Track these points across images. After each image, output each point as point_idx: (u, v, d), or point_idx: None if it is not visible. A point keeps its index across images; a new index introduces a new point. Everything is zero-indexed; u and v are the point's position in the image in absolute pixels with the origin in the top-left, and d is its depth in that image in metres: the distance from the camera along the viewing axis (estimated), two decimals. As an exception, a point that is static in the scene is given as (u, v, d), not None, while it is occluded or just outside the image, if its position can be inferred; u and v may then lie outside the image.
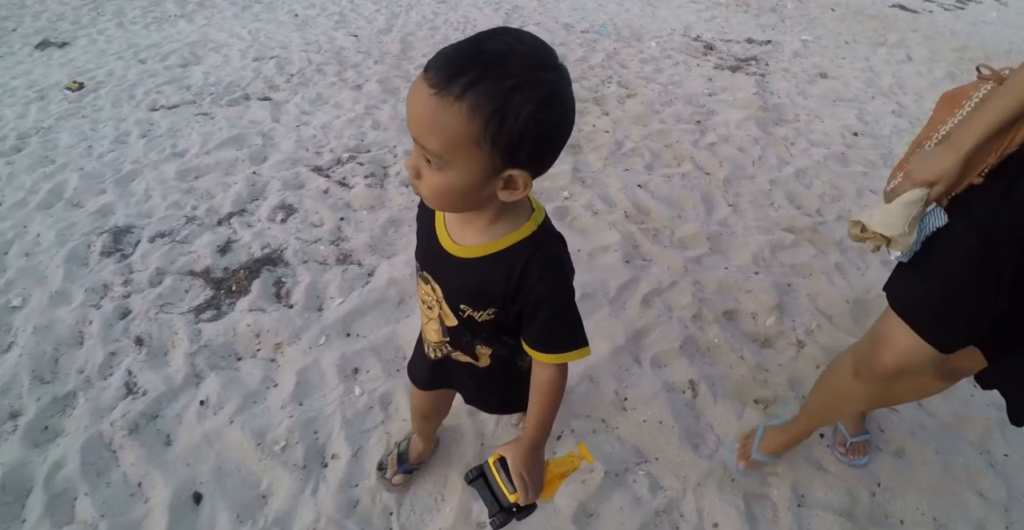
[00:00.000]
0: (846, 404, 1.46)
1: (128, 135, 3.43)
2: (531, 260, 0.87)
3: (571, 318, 0.92)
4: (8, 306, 2.27)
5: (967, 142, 1.07)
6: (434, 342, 1.09)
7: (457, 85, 0.68)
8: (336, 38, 4.66)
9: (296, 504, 1.58)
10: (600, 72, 4.01)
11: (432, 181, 0.78)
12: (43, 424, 1.83)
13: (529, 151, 0.74)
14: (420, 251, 1.03)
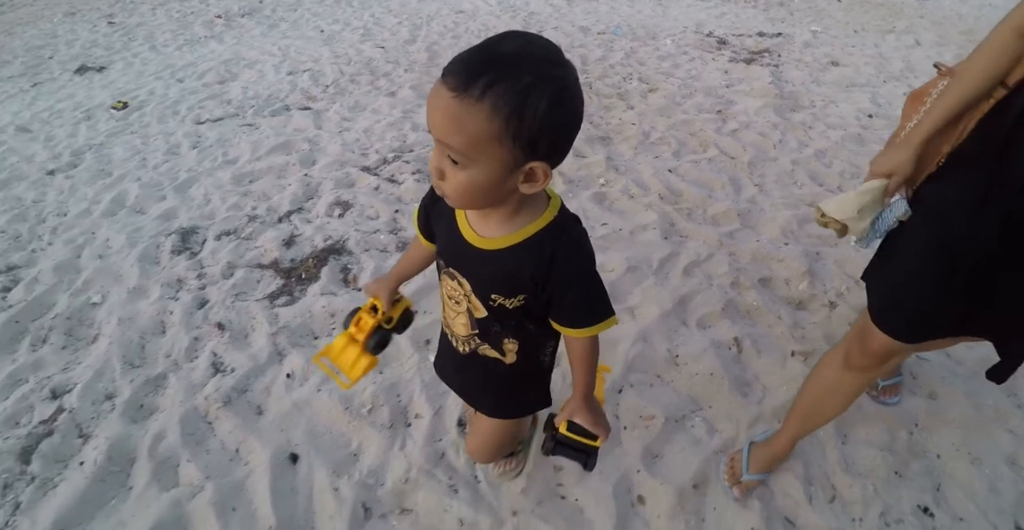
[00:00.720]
0: (835, 397, 1.46)
1: (179, 147, 3.63)
2: (558, 244, 0.92)
3: (598, 293, 0.97)
4: (89, 303, 2.46)
5: (916, 136, 1.15)
6: (463, 336, 1.13)
7: (476, 87, 0.72)
8: (364, 50, 4.87)
9: (387, 458, 1.74)
10: (620, 70, 4.18)
11: (456, 180, 0.81)
12: (139, 403, 2.01)
13: (548, 143, 0.79)
14: (443, 249, 1.07)
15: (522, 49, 0.75)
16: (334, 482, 1.69)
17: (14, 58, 6.26)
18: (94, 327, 2.35)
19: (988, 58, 1.08)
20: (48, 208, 3.21)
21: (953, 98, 1.11)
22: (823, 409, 1.50)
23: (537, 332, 1.08)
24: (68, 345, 2.29)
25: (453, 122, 0.75)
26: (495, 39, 0.76)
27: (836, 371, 1.41)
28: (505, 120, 0.73)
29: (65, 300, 2.48)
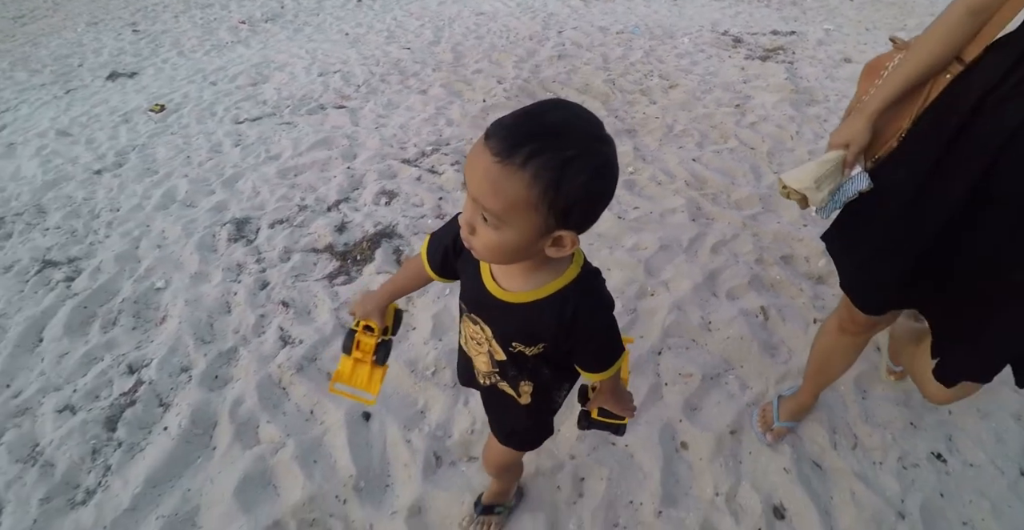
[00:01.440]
0: (838, 357, 1.60)
1: (221, 145, 3.81)
2: (581, 301, 0.94)
3: (615, 340, 1.03)
4: (153, 288, 2.63)
5: (871, 106, 1.18)
6: (484, 371, 1.16)
7: (520, 154, 0.73)
8: (390, 52, 5.05)
9: (452, 414, 1.90)
10: (641, 67, 4.35)
11: (487, 238, 0.83)
12: (214, 374, 2.18)
13: (580, 214, 0.81)
14: (466, 295, 1.08)
15: (567, 122, 0.77)
16: (406, 435, 1.85)
17: (43, 67, 6.46)
18: (161, 310, 2.52)
19: (940, 34, 1.11)
20: (100, 205, 3.38)
21: (906, 71, 1.14)
22: (831, 367, 1.65)
23: (552, 376, 1.11)
24: (138, 326, 2.46)
25: (492, 186, 0.76)
26: (542, 108, 0.78)
27: (833, 336, 1.54)
28: (543, 190, 0.75)
29: (129, 286, 2.65)
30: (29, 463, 1.95)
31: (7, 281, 2.81)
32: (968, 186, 1.07)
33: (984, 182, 1.05)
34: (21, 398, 2.18)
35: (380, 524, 1.66)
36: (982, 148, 1.04)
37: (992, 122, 1.03)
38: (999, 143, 1.02)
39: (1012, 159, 1.01)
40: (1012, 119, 1.00)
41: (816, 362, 1.67)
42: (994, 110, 1.03)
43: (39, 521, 1.76)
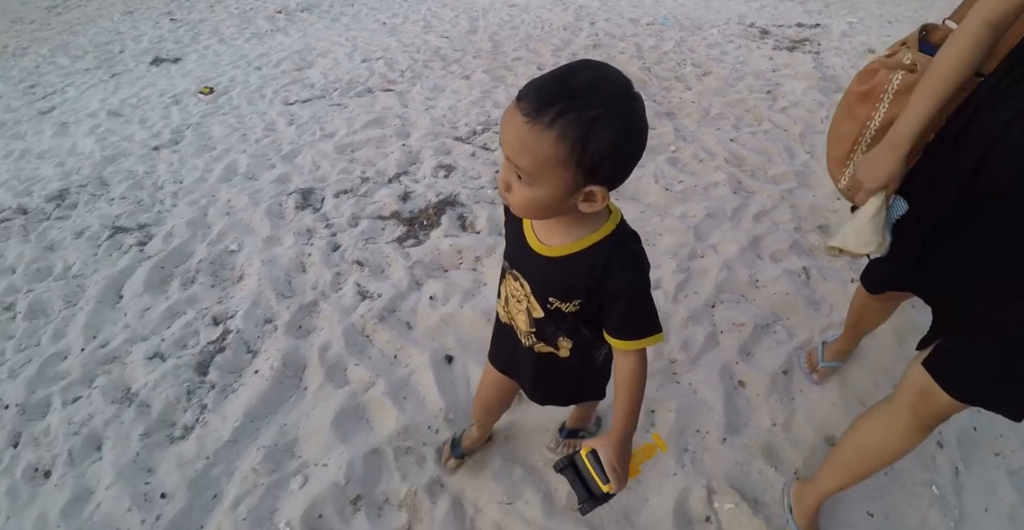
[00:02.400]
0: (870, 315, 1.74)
1: (275, 124, 4.00)
2: (612, 255, 0.97)
3: (647, 307, 1.01)
4: (227, 250, 2.82)
5: (906, 143, 1.13)
6: (524, 331, 1.19)
7: (547, 114, 0.77)
8: (429, 40, 5.24)
9: (527, 356, 2.09)
10: (674, 56, 4.53)
11: (521, 195, 0.88)
12: (297, 324, 2.36)
13: (608, 171, 0.85)
14: (509, 252, 1.14)
15: (593, 82, 0.80)
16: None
17: (84, 53, 6.66)
18: (237, 269, 2.71)
19: (961, 52, 1.07)
20: (162, 177, 3.57)
21: (932, 95, 1.10)
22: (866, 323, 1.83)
23: (591, 336, 1.13)
24: (216, 284, 2.65)
25: (523, 145, 0.81)
26: (569, 69, 0.82)
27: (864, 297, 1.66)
28: (570, 147, 0.79)
29: (203, 249, 2.84)
30: (124, 403, 2.14)
31: (80, 245, 3.00)
32: (960, 184, 1.08)
33: (974, 179, 1.06)
34: (109, 348, 2.37)
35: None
36: (976, 144, 1.05)
37: (988, 119, 1.04)
38: (992, 138, 1.02)
39: (1002, 151, 1.02)
40: (1006, 112, 1.01)
41: (853, 317, 1.80)
42: (992, 107, 1.04)
43: (141, 454, 1.95)
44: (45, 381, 2.27)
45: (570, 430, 1.77)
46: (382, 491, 1.76)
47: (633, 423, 1.06)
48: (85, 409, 2.13)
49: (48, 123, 4.86)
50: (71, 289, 2.74)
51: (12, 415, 2.13)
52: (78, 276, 2.83)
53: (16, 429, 2.08)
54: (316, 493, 1.75)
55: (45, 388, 2.23)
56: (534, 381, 1.32)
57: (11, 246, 3.10)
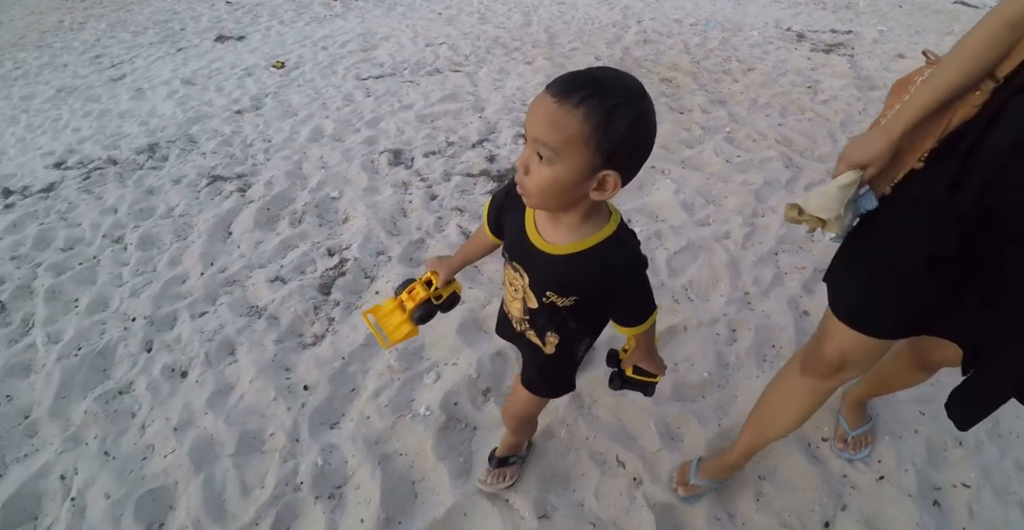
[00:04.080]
0: (789, 405, 1.45)
1: (352, 96, 4.30)
2: (617, 256, 1.04)
3: (648, 296, 1.11)
4: (329, 197, 3.11)
5: (897, 127, 1.08)
6: (517, 317, 1.25)
7: (575, 97, 0.85)
8: (487, 30, 5.57)
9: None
10: (719, 53, 4.87)
11: (540, 175, 0.93)
12: (408, 256, 2.66)
13: (624, 155, 0.90)
14: (510, 246, 1.17)
15: (614, 77, 0.90)
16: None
17: (145, 29, 6.97)
18: (340, 213, 3.00)
19: (974, 49, 1.02)
20: (250, 136, 3.86)
21: (935, 88, 1.05)
22: (778, 418, 1.49)
23: (577, 329, 1.20)
24: (323, 224, 2.94)
25: (551, 123, 0.88)
26: (592, 68, 0.92)
27: (792, 377, 1.41)
28: (594, 127, 0.86)
29: (305, 195, 3.13)
30: (254, 316, 2.42)
31: (180, 190, 3.29)
32: (976, 198, 1.01)
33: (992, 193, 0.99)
34: (228, 273, 2.66)
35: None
36: (992, 156, 0.98)
37: (1007, 129, 0.97)
38: (1008, 149, 0.96)
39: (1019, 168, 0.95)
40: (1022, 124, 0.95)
41: (764, 408, 1.54)
42: (1010, 117, 0.98)
43: (278, 355, 2.24)
44: (169, 299, 2.55)
45: (499, 459, 1.74)
46: (508, 385, 2.05)
47: (653, 342, 1.24)
48: (214, 321, 2.41)
49: (122, 88, 5.16)
50: (179, 226, 3.03)
51: (141, 326, 2.42)
52: (184, 216, 3.11)
53: (147, 337, 2.37)
54: (450, 385, 2.04)
55: (170, 304, 2.52)
56: (524, 363, 1.43)
57: (109, 190, 3.39)
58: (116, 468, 1.88)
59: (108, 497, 1.80)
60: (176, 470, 1.88)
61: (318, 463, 1.84)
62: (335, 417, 2.01)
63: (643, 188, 3.04)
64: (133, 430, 2.03)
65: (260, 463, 1.89)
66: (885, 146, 1.09)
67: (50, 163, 3.84)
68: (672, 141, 3.45)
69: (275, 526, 1.71)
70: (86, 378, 2.22)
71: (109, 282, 2.70)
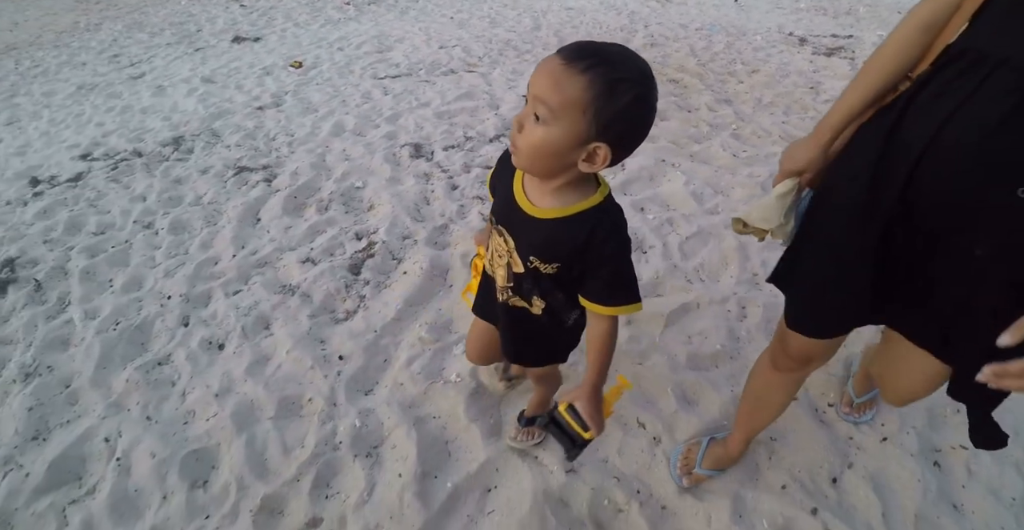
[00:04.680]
0: (771, 398, 1.54)
1: (370, 94, 4.44)
2: (598, 224, 1.02)
3: (629, 276, 1.07)
4: (353, 187, 3.24)
5: (826, 132, 1.12)
6: (501, 286, 1.24)
7: (583, 62, 0.86)
8: (498, 33, 5.72)
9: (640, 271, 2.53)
10: (724, 56, 5.02)
11: (533, 135, 0.92)
12: (434, 240, 2.77)
13: (618, 130, 0.90)
14: (497, 209, 1.17)
15: (626, 54, 0.90)
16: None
17: (161, 30, 7.12)
18: (365, 202, 3.13)
19: (892, 52, 1.06)
20: (273, 131, 3.99)
21: (859, 92, 1.09)
22: (765, 409, 1.58)
23: (564, 299, 1.17)
24: (350, 211, 3.07)
25: (555, 83, 0.88)
26: (608, 42, 0.92)
27: (766, 374, 1.48)
28: (595, 95, 0.86)
29: (331, 184, 3.26)
30: (287, 294, 2.55)
31: (207, 180, 3.42)
32: (898, 194, 1.02)
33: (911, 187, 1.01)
34: (259, 255, 2.79)
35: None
36: (908, 150, 0.99)
37: (920, 122, 0.99)
38: (924, 143, 0.97)
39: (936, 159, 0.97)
40: (938, 116, 0.96)
41: (748, 403, 1.62)
42: (923, 108, 0.99)
43: (313, 329, 2.36)
44: (203, 279, 2.68)
45: (528, 418, 1.81)
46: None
47: (603, 377, 1.13)
48: (249, 298, 2.53)
49: (143, 86, 5.29)
50: (208, 213, 3.15)
51: (177, 302, 2.54)
52: (212, 203, 3.24)
53: (183, 313, 2.49)
54: (478, 355, 2.16)
55: (204, 284, 2.64)
56: (506, 334, 1.38)
57: (137, 179, 3.52)
58: (159, 431, 1.99)
59: (154, 456, 1.91)
60: (218, 432, 1.99)
61: (356, 424, 1.96)
62: (370, 384, 2.13)
63: (655, 179, 3.17)
64: (174, 397, 2.14)
65: (299, 425, 2.01)
66: (817, 152, 1.13)
67: (76, 155, 3.95)
68: (681, 137, 3.58)
69: (316, 481, 1.82)
70: (125, 350, 2.33)
71: (142, 264, 2.81)
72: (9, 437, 2.03)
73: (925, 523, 1.71)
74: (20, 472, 1.91)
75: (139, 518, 1.78)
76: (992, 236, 0.95)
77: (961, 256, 1.00)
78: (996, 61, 0.90)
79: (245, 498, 1.79)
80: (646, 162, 3.26)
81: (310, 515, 1.75)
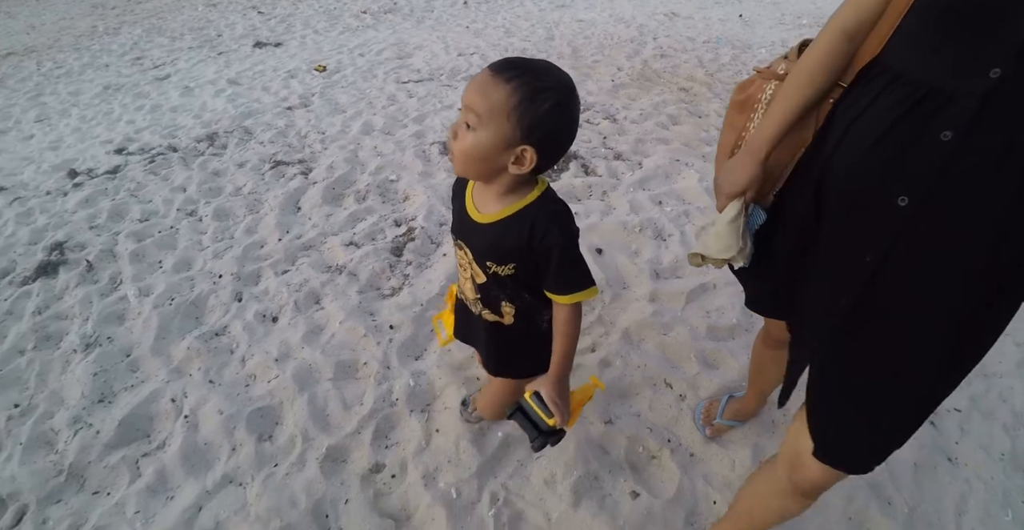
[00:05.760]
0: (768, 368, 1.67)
1: (395, 97, 4.64)
2: (537, 217, 1.08)
3: (577, 264, 1.13)
4: (388, 180, 3.44)
5: (762, 148, 1.11)
6: (471, 299, 1.31)
7: (509, 73, 0.96)
8: (513, 43, 5.94)
9: (659, 253, 2.74)
10: (731, 67, 5.26)
11: (465, 141, 1.01)
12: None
13: (541, 134, 0.99)
14: (455, 223, 1.25)
15: (550, 68, 1.01)
16: (633, 260, 2.69)
17: (181, 35, 7.32)
18: (401, 193, 3.34)
19: (818, 60, 1.05)
20: (304, 129, 4.19)
21: (789, 104, 1.08)
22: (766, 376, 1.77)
23: (532, 300, 1.22)
24: (386, 201, 3.27)
25: (482, 92, 0.98)
26: (534, 58, 1.02)
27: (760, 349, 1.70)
28: (518, 102, 0.96)
29: (366, 177, 3.46)
30: (335, 272, 2.74)
31: (245, 172, 3.61)
32: (811, 197, 1.05)
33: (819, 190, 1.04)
34: (304, 239, 2.98)
35: (631, 306, 2.49)
36: (824, 151, 1.03)
37: (835, 125, 1.02)
38: (834, 143, 0.99)
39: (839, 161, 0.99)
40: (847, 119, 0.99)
41: (752, 371, 1.79)
42: (841, 112, 1.02)
43: (363, 302, 2.55)
44: (251, 260, 2.87)
45: None
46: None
47: (568, 364, 1.18)
48: (298, 277, 2.72)
49: (169, 86, 5.49)
50: (249, 202, 3.35)
51: (229, 281, 2.73)
52: (253, 193, 3.43)
53: (236, 290, 2.68)
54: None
55: (253, 264, 2.83)
56: (486, 350, 1.43)
57: (175, 172, 3.70)
58: (223, 392, 2.18)
59: (221, 413, 2.09)
60: (281, 392, 2.18)
61: (410, 384, 2.16)
62: (419, 351, 2.33)
63: (670, 177, 3.40)
64: (234, 363, 2.32)
65: (357, 386, 2.20)
66: (755, 170, 1.12)
67: (111, 149, 4.13)
68: (693, 140, 3.80)
69: (376, 433, 2.01)
70: (182, 323, 2.52)
71: (190, 247, 3.00)
72: (76, 400, 2.20)
73: (923, 470, 1.92)
74: (90, 430, 2.08)
75: (210, 468, 1.95)
76: (880, 242, 0.95)
77: (852, 261, 1.00)
78: (894, 74, 0.94)
79: (311, 448, 1.97)
80: (661, 161, 3.48)
81: (372, 462, 1.93)
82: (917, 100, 0.89)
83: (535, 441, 1.16)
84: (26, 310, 2.64)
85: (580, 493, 1.80)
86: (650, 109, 4.22)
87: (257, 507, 1.80)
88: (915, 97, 0.89)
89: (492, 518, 1.72)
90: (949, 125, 0.85)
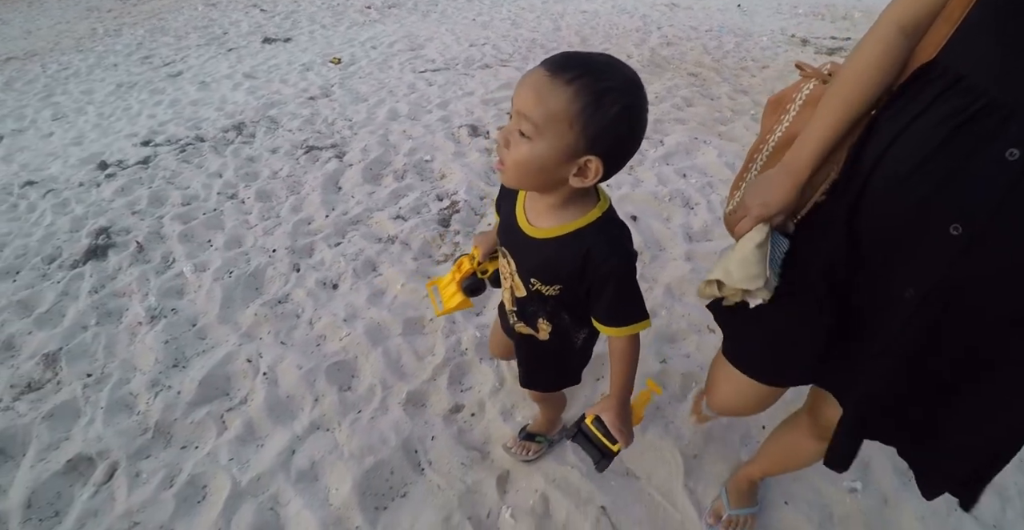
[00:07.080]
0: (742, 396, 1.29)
1: (415, 85, 4.77)
2: (596, 242, 0.97)
3: (633, 294, 1.02)
4: (423, 160, 3.57)
5: (803, 168, 0.95)
6: (508, 309, 1.24)
7: (569, 74, 0.82)
8: (521, 34, 6.11)
9: (660, 234, 2.93)
10: (735, 54, 5.46)
11: (519, 151, 0.88)
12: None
13: (607, 143, 0.87)
14: (501, 230, 1.14)
15: (612, 63, 0.87)
16: (666, 225, 2.86)
17: (186, 33, 7.39)
18: (437, 172, 3.48)
19: (870, 61, 0.90)
20: (331, 117, 4.31)
21: (835, 109, 0.92)
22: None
23: (570, 322, 1.15)
24: (424, 179, 3.42)
25: (539, 96, 0.84)
26: (593, 52, 0.88)
27: None
28: (582, 108, 0.82)
29: (401, 158, 3.60)
30: (387, 243, 2.88)
31: (280, 158, 3.73)
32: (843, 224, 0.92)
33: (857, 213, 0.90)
34: (350, 215, 3.11)
35: (669, 265, 2.66)
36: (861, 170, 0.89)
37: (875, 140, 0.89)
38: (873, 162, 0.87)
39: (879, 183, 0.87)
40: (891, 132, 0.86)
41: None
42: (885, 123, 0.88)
43: (419, 268, 2.70)
44: (303, 235, 2.99)
45: (528, 433, 1.82)
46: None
47: (629, 390, 1.09)
48: (352, 247, 2.86)
49: (184, 82, 5.58)
50: (289, 184, 3.48)
51: (283, 254, 2.85)
52: (291, 176, 3.56)
53: (292, 262, 2.80)
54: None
55: (305, 239, 2.96)
56: (517, 358, 1.38)
57: (208, 160, 3.81)
58: (298, 350, 2.31)
59: (300, 368, 2.22)
60: (354, 347, 2.31)
61: (476, 335, 2.31)
62: (479, 309, 2.48)
63: (691, 153, 3.58)
64: (302, 326, 2.46)
65: (426, 340, 2.35)
66: (792, 194, 0.97)
67: (137, 142, 4.22)
68: (708, 119, 3.99)
69: (451, 379, 2.16)
70: (244, 294, 2.64)
71: (238, 226, 3.12)
72: (150, 366, 2.32)
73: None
74: (171, 391, 2.20)
75: (295, 418, 2.08)
76: (924, 277, 0.83)
77: (888, 298, 0.89)
78: (953, 78, 0.80)
79: (391, 395, 2.11)
80: (682, 139, 3.66)
81: (452, 403, 2.08)
82: (977, 111, 0.76)
83: (599, 464, 1.11)
84: (82, 290, 2.73)
85: (645, 420, 1.96)
86: (664, 92, 4.40)
87: (349, 446, 1.93)
88: (975, 107, 0.76)
89: (571, 444, 1.87)
90: (1016, 142, 0.73)
